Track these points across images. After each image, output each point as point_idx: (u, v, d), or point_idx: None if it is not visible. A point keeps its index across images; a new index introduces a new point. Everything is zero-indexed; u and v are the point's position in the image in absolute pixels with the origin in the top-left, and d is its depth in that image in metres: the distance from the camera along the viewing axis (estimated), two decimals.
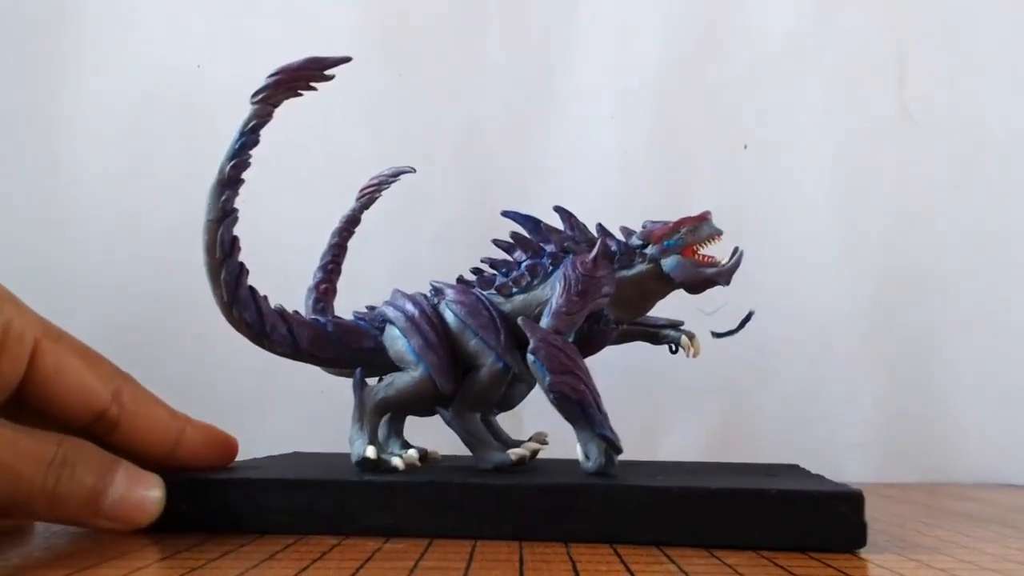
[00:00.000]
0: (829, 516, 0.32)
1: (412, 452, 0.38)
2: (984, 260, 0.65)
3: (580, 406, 0.37)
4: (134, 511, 0.33)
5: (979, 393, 0.64)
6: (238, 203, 0.42)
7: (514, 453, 0.39)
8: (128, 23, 0.66)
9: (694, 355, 0.43)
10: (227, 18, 0.67)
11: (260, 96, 0.41)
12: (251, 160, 0.42)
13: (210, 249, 0.39)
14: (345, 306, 0.51)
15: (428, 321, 0.40)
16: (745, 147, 0.66)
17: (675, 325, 0.44)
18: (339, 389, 0.52)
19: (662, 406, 0.64)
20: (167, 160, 0.65)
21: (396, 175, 0.52)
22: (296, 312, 0.44)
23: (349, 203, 0.68)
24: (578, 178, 0.65)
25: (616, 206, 0.65)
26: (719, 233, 0.40)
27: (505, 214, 0.43)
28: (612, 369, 0.63)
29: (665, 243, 0.40)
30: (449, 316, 0.40)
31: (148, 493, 0.34)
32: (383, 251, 0.64)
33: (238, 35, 0.66)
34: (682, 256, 0.39)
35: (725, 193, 0.65)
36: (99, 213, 0.64)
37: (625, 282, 0.40)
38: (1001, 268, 0.65)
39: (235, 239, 0.40)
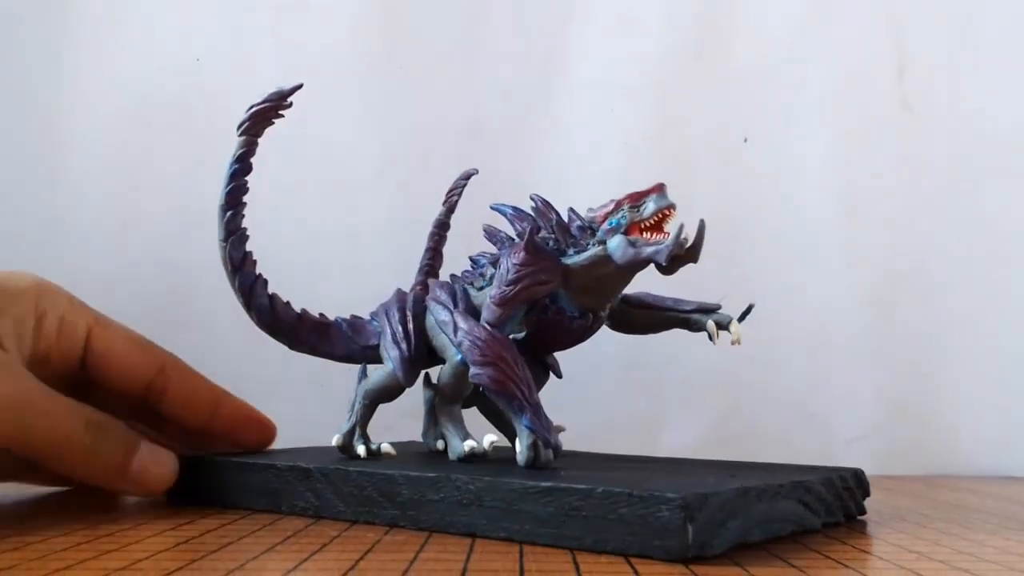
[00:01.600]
0: (651, 521, 0.28)
1: (384, 445, 0.41)
2: (984, 253, 0.65)
3: (503, 397, 0.36)
4: (153, 479, 0.39)
5: (979, 386, 0.64)
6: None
7: (466, 445, 0.39)
8: (127, 16, 0.66)
9: (732, 342, 0.40)
10: (226, 11, 0.66)
11: (242, 129, 0.47)
12: (247, 185, 0.47)
13: (224, 264, 0.46)
14: (345, 302, 0.51)
15: (401, 317, 0.43)
16: (745, 140, 0.66)
17: (706, 309, 0.41)
18: (340, 382, 0.53)
19: (662, 400, 0.64)
20: (166, 153, 0.65)
21: (467, 178, 0.53)
22: (321, 314, 0.47)
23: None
24: (578, 171, 0.65)
25: (615, 198, 0.65)
26: (668, 207, 0.37)
27: (493, 207, 0.43)
28: (612, 363, 0.64)
29: (609, 223, 0.37)
30: (429, 311, 0.42)
31: (166, 465, 0.40)
32: (383, 247, 0.64)
33: (237, 28, 0.66)
34: (626, 236, 0.37)
35: (725, 186, 0.65)
36: (98, 205, 0.64)
37: (578, 268, 0.38)
38: (1001, 261, 0.65)
39: (246, 255, 0.46)
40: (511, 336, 0.39)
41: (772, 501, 0.32)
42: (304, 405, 0.59)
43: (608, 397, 0.63)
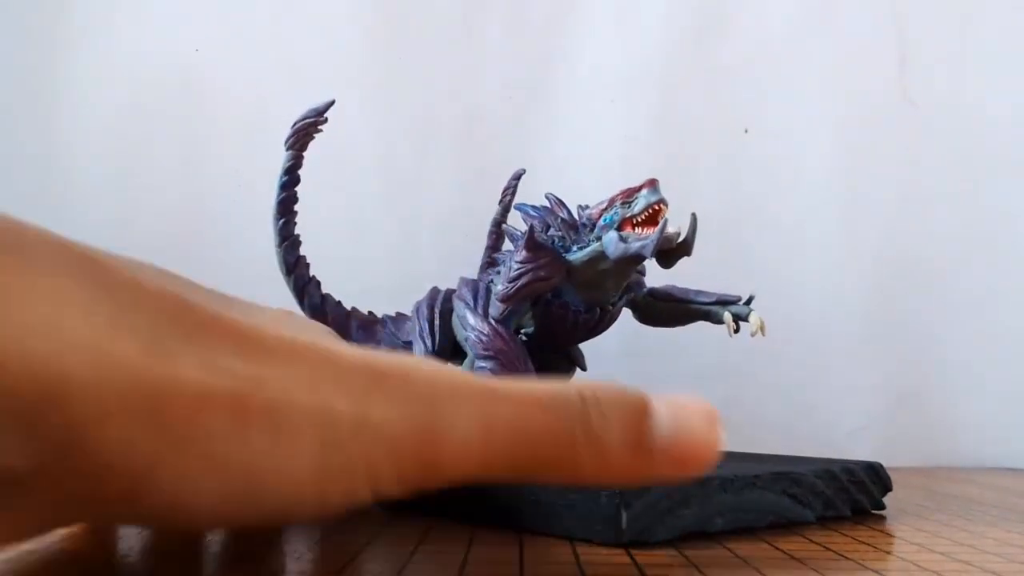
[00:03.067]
0: (594, 507, 0.29)
1: None
2: (985, 244, 0.65)
3: None
4: (695, 451, 0.25)
5: (980, 377, 0.64)
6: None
7: None
8: (126, 6, 0.66)
9: (753, 333, 0.41)
10: (225, 1, 0.66)
11: (288, 144, 0.48)
12: (297, 195, 0.49)
13: (279, 267, 0.49)
14: (344, 295, 0.51)
15: (428, 313, 0.44)
16: (746, 131, 0.65)
17: (725, 301, 0.42)
18: None
19: (661, 390, 0.64)
20: (166, 144, 0.65)
21: (518, 178, 0.53)
22: (370, 312, 0.49)
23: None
24: (579, 163, 0.65)
25: (616, 190, 0.65)
26: (658, 202, 0.38)
27: (516, 207, 0.44)
28: (612, 353, 0.64)
29: (603, 220, 0.39)
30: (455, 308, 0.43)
31: (706, 424, 0.25)
32: (382, 240, 0.64)
33: (236, 19, 0.66)
34: (619, 231, 0.38)
35: (726, 177, 0.65)
36: (98, 197, 0.64)
37: (580, 265, 0.39)
38: (1002, 252, 0.65)
39: (299, 258, 0.49)
40: (522, 331, 0.40)
41: (742, 492, 0.32)
42: None
43: None
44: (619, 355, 0.63)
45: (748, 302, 0.43)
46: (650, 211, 0.37)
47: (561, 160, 0.65)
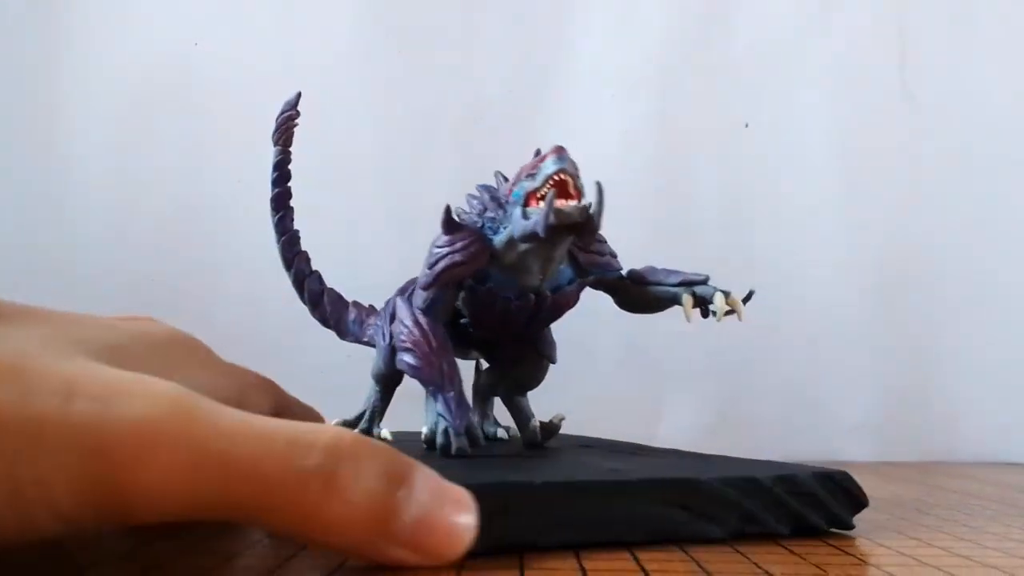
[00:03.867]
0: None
1: (384, 432, 0.42)
2: (984, 240, 0.65)
3: (421, 382, 0.36)
4: (442, 535, 0.23)
5: (978, 372, 0.64)
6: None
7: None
8: (126, 2, 0.66)
9: (719, 317, 0.36)
10: None
11: (274, 140, 0.47)
12: (291, 190, 0.48)
13: (281, 262, 0.47)
14: (344, 290, 0.50)
15: (392, 305, 0.42)
16: (746, 126, 0.65)
17: (690, 282, 0.37)
18: (342, 372, 0.52)
19: (661, 388, 0.64)
20: (165, 138, 0.64)
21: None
22: (371, 306, 0.47)
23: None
24: (578, 156, 0.65)
25: (617, 185, 0.65)
26: (558, 171, 0.33)
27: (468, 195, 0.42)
28: (611, 349, 0.64)
29: (512, 196, 0.35)
30: None
31: (460, 509, 0.24)
32: (382, 233, 0.64)
33: (236, 13, 0.66)
34: (524, 207, 0.34)
35: (726, 172, 0.65)
36: (97, 192, 0.64)
37: (501, 247, 0.36)
38: (1001, 248, 0.65)
39: (297, 253, 0.47)
40: (462, 320, 0.38)
41: (610, 500, 0.28)
42: (304, 394, 0.59)
43: (606, 384, 0.63)
44: (617, 351, 0.63)
45: (747, 298, 0.42)
46: (552, 182, 0.33)
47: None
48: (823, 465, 0.33)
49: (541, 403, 0.42)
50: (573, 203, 0.33)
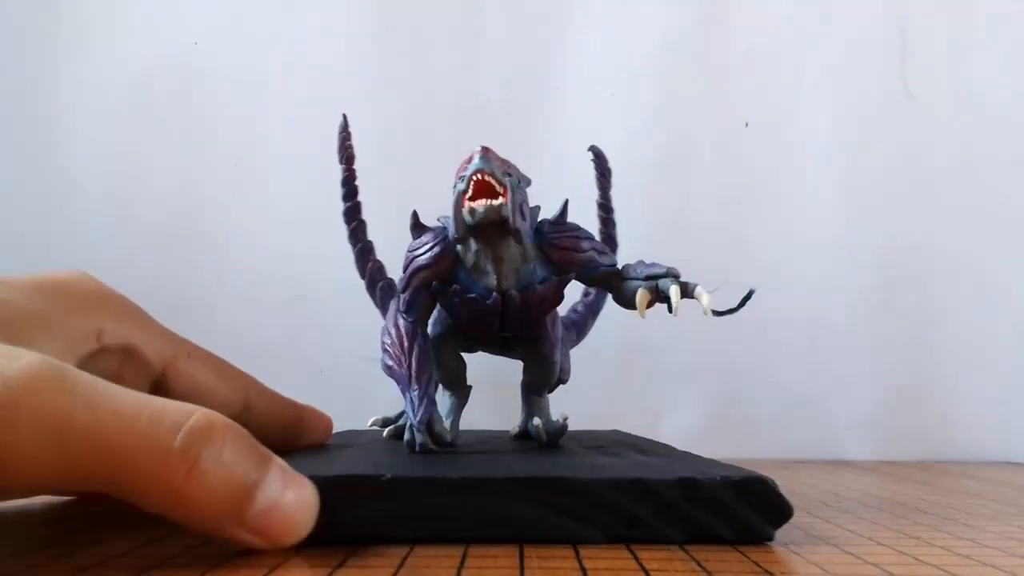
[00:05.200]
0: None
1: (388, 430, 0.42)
2: (984, 239, 0.65)
3: (394, 381, 0.37)
4: (286, 523, 0.25)
5: (978, 371, 0.64)
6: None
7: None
8: (125, 1, 0.66)
9: (672, 311, 0.35)
10: None
11: (339, 160, 0.47)
12: (359, 205, 0.49)
13: (357, 270, 0.47)
14: (344, 286, 0.50)
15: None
16: (746, 125, 0.65)
17: (652, 276, 0.36)
18: (339, 369, 0.52)
19: (661, 386, 0.64)
20: (165, 137, 0.65)
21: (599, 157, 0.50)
22: None
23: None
24: (579, 156, 0.65)
25: (617, 184, 0.65)
26: (476, 172, 0.33)
27: None
28: (611, 349, 0.64)
29: (454, 200, 0.35)
30: None
31: (306, 498, 0.26)
32: (381, 232, 0.64)
33: (236, 11, 0.66)
34: (455, 210, 0.34)
35: (726, 171, 0.65)
36: (97, 191, 0.64)
37: (463, 248, 0.36)
38: (1001, 248, 0.65)
39: (371, 262, 0.47)
40: (447, 323, 0.39)
41: (464, 496, 0.27)
42: (305, 394, 0.59)
43: (607, 383, 0.63)
44: (618, 351, 0.63)
45: (748, 297, 0.42)
46: (474, 183, 0.33)
47: (561, 154, 0.65)
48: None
49: (562, 404, 0.43)
50: (484, 203, 0.33)
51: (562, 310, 0.51)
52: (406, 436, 0.36)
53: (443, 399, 0.41)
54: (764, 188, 0.66)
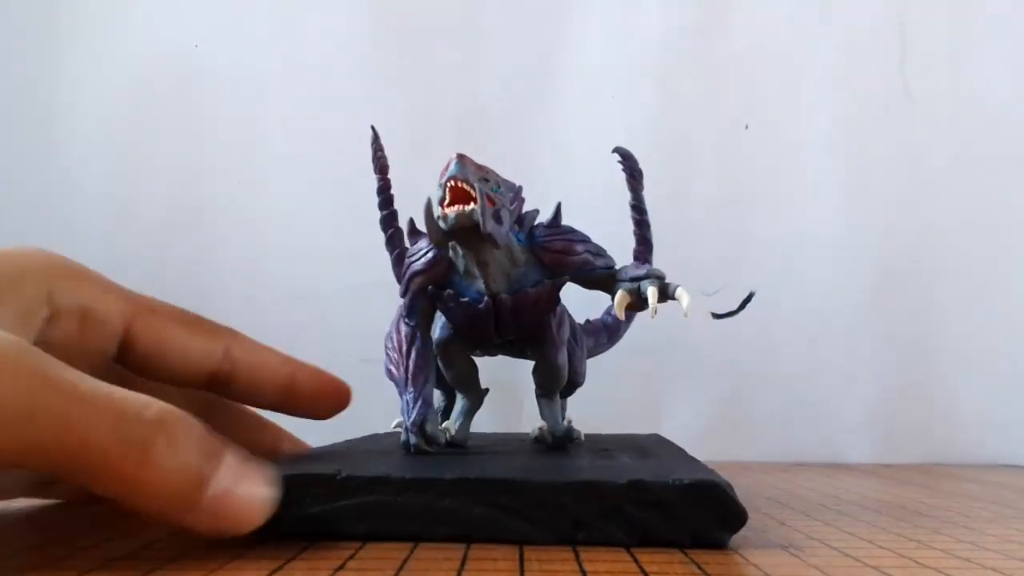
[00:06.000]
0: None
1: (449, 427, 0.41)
2: (985, 240, 0.65)
3: (395, 386, 0.38)
4: (240, 511, 0.26)
5: (979, 373, 0.64)
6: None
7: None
8: (126, 1, 0.66)
9: (652, 315, 0.35)
10: None
11: (374, 170, 0.45)
12: (396, 213, 0.45)
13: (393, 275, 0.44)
14: (345, 286, 0.51)
15: None
16: (746, 126, 0.65)
17: (634, 278, 0.36)
18: (340, 369, 0.52)
19: (662, 387, 0.64)
20: (165, 139, 0.65)
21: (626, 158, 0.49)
22: None
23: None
24: (579, 157, 0.65)
25: (617, 185, 0.65)
26: (450, 179, 0.33)
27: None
28: (612, 351, 0.64)
29: (424, 205, 0.35)
30: None
31: (259, 489, 0.27)
32: (382, 234, 0.64)
33: (236, 13, 0.66)
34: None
35: (726, 171, 0.65)
36: (98, 191, 0.64)
37: (453, 253, 0.37)
38: (1002, 248, 0.65)
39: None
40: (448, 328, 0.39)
41: (412, 496, 0.28)
42: None
43: (607, 384, 0.63)
44: (618, 352, 0.63)
45: (748, 299, 0.42)
46: (449, 189, 0.33)
47: (561, 155, 0.65)
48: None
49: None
50: (456, 209, 0.33)
51: (596, 313, 0.51)
52: (402, 437, 0.37)
53: (456, 402, 0.42)
54: (764, 188, 0.66)
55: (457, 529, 0.28)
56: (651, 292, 0.35)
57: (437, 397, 0.44)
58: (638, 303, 0.36)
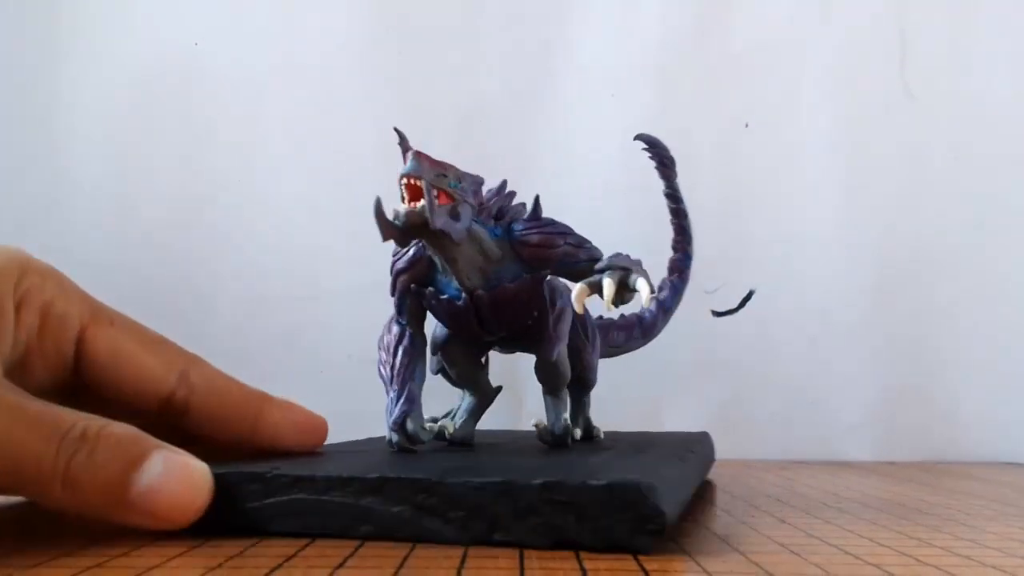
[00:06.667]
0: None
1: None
2: (984, 238, 0.65)
3: (384, 384, 0.38)
4: (169, 504, 0.27)
5: (979, 371, 0.64)
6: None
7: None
8: (125, 1, 0.66)
9: (607, 306, 0.35)
10: None
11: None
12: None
13: None
14: (344, 284, 0.51)
15: None
16: (746, 126, 0.65)
17: (609, 268, 0.35)
18: (340, 369, 0.52)
19: (662, 385, 0.64)
20: (165, 139, 0.65)
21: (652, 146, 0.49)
22: None
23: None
24: (579, 157, 0.65)
25: (617, 184, 0.65)
26: (404, 175, 0.34)
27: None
28: None
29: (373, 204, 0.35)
30: None
31: (190, 483, 0.28)
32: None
33: (236, 12, 0.66)
34: None
35: (726, 171, 0.65)
36: (98, 191, 0.64)
37: (430, 251, 0.37)
38: (1001, 247, 0.65)
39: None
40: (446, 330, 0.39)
41: (311, 492, 0.28)
42: (304, 394, 0.59)
43: (607, 382, 0.63)
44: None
45: (748, 298, 0.42)
46: (407, 188, 0.34)
47: (561, 154, 0.65)
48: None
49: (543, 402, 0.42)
50: (404, 207, 0.34)
51: (629, 308, 0.49)
52: (388, 435, 0.37)
53: (463, 400, 0.42)
54: (764, 188, 0.66)
55: (378, 528, 0.28)
56: (607, 284, 0.34)
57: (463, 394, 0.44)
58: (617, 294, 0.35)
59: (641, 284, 0.35)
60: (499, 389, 0.43)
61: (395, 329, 0.38)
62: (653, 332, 0.51)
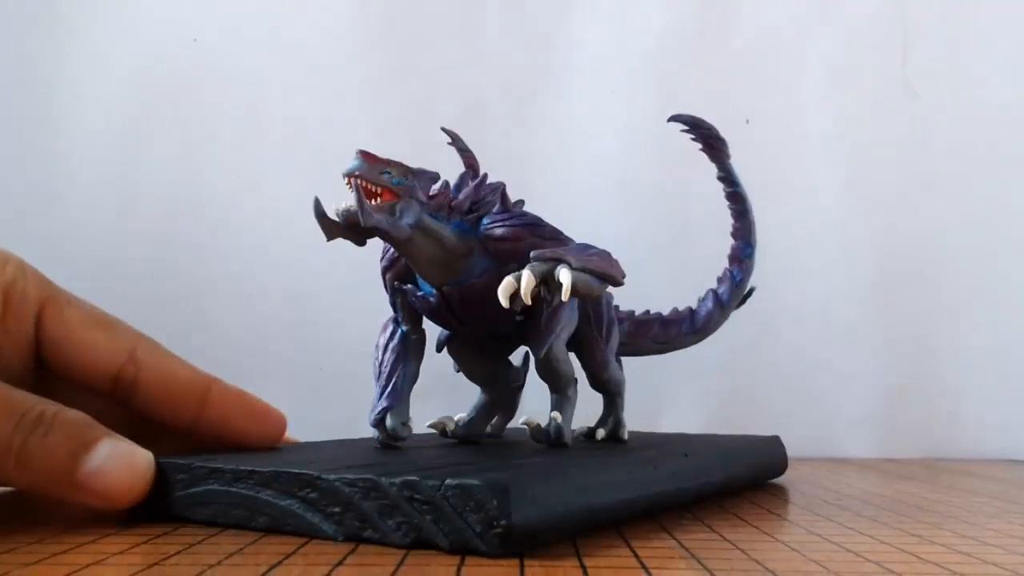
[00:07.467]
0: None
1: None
2: (986, 236, 0.65)
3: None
4: (113, 486, 0.30)
5: (980, 368, 0.64)
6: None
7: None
8: None
9: (525, 298, 0.33)
10: None
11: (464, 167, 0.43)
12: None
13: None
14: (344, 283, 0.50)
15: None
16: (747, 122, 0.65)
17: (546, 259, 0.34)
18: (339, 368, 0.52)
19: (662, 382, 0.64)
20: (164, 134, 0.64)
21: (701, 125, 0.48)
22: None
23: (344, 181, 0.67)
24: (580, 154, 0.65)
25: (617, 181, 0.65)
26: (345, 175, 0.34)
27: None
28: None
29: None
30: None
31: (132, 468, 0.30)
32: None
33: (234, 8, 0.66)
34: None
35: None
36: (98, 190, 0.64)
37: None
38: (1003, 244, 0.65)
39: None
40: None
41: (219, 483, 0.30)
42: (304, 393, 0.59)
43: None
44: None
45: (749, 295, 0.42)
46: (347, 186, 0.34)
47: (562, 151, 0.65)
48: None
49: (542, 400, 0.42)
50: (343, 206, 0.34)
51: (684, 302, 0.48)
52: (376, 433, 0.38)
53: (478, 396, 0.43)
54: (765, 185, 0.65)
55: (273, 520, 0.29)
56: (524, 277, 0.33)
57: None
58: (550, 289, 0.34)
59: (564, 277, 0.32)
60: (519, 388, 0.42)
61: (389, 328, 0.39)
62: (707, 329, 0.48)
